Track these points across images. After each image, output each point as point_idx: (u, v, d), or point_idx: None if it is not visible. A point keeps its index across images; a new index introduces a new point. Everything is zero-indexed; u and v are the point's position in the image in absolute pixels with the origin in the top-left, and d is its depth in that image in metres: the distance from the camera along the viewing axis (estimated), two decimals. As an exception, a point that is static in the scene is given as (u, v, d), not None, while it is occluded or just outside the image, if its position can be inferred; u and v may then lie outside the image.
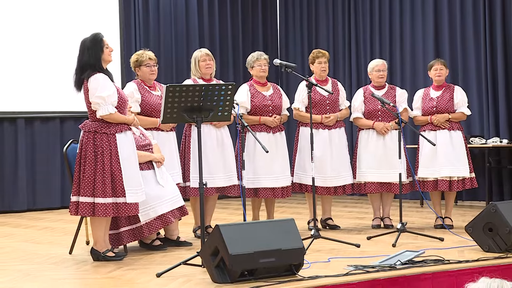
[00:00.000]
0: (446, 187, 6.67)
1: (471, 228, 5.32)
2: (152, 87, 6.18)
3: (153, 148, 5.83)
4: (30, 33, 9.08)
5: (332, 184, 6.70)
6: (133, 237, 5.50)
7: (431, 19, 9.62)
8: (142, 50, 6.29)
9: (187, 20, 10.53)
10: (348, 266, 4.64)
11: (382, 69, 6.88)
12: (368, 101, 6.86)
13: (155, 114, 6.05)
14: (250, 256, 4.16)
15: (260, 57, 6.59)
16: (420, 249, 5.18)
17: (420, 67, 9.65)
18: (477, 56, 9.16)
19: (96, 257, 5.22)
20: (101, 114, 5.09)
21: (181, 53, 10.38)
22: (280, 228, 4.41)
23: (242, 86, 6.61)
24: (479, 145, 8.63)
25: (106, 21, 9.50)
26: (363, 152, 6.83)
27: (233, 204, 9.62)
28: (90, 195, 5.06)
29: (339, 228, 6.81)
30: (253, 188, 6.46)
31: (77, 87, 5.23)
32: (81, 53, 5.20)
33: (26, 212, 8.90)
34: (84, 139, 5.14)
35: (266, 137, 6.46)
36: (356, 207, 8.99)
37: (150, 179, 5.61)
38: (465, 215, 7.79)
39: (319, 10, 11.08)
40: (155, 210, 5.51)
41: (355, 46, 10.60)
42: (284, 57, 11.30)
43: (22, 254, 5.69)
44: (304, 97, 6.74)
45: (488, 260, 4.86)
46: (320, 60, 6.80)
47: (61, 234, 6.87)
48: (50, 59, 9.15)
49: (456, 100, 6.80)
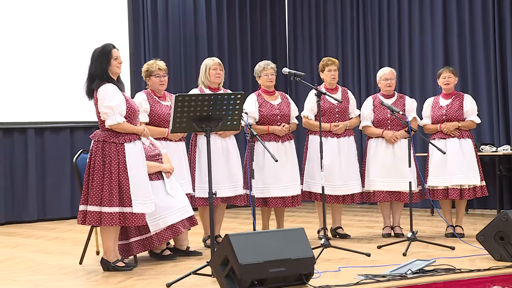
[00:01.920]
0: (457, 195, 6.63)
1: (482, 237, 5.30)
2: (162, 97, 6.19)
3: (163, 158, 5.83)
4: (40, 43, 9.12)
5: (341, 193, 6.67)
6: (143, 247, 5.50)
7: (440, 26, 9.59)
8: (153, 60, 6.28)
9: (195, 29, 10.55)
10: (358, 275, 4.63)
11: (390, 78, 6.86)
12: (378, 109, 6.84)
13: (164, 124, 6.05)
14: (260, 266, 4.16)
15: (266, 66, 6.58)
16: (431, 258, 5.18)
17: (429, 75, 9.60)
18: (486, 64, 9.12)
19: (106, 267, 5.22)
20: (109, 123, 5.10)
21: (190, 62, 10.40)
22: (290, 237, 4.41)
23: (250, 96, 6.60)
24: (490, 153, 8.58)
25: (116, 31, 9.52)
26: (372, 160, 6.80)
27: (242, 213, 9.60)
28: (97, 204, 5.07)
29: (349, 237, 6.79)
30: (262, 197, 6.43)
31: (89, 95, 5.27)
32: (90, 63, 5.24)
33: (37, 222, 8.91)
34: (94, 149, 5.17)
35: (275, 146, 6.43)
36: (366, 216, 8.96)
37: (159, 189, 5.61)
38: (476, 223, 7.75)
39: (327, 18, 11.08)
40: (165, 220, 5.51)
41: (364, 54, 10.58)
42: (293, 66, 11.29)
43: (33, 264, 5.70)
44: (313, 105, 6.72)
45: (500, 269, 4.82)
46: (330, 68, 6.79)
47: (71, 244, 6.88)
48: (60, 69, 9.17)
49: (466, 108, 6.76)
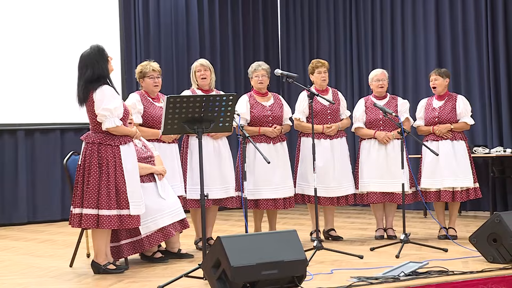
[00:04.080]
0: (449, 198, 6.62)
1: (475, 239, 5.30)
2: (155, 99, 6.16)
3: (155, 160, 5.80)
4: (30, 44, 9.06)
5: (334, 194, 6.65)
6: (134, 250, 5.46)
7: (433, 27, 9.58)
8: (147, 61, 6.23)
9: (187, 29, 10.49)
10: (351, 277, 4.62)
11: (382, 79, 6.84)
12: (370, 110, 6.82)
13: (158, 125, 6.02)
14: (252, 268, 4.13)
15: (258, 68, 6.55)
16: (424, 260, 5.16)
17: (422, 77, 9.59)
18: (479, 65, 9.12)
19: (97, 270, 5.18)
20: (108, 126, 5.05)
21: (182, 63, 10.33)
22: (282, 240, 4.38)
23: (242, 97, 6.57)
24: (483, 154, 8.58)
25: (106, 32, 9.46)
26: (365, 162, 6.79)
27: (234, 215, 9.57)
28: (94, 207, 5.04)
29: (342, 239, 6.77)
30: (253, 199, 6.39)
31: (81, 102, 5.13)
32: (88, 66, 5.09)
33: (27, 225, 8.84)
34: (87, 151, 5.11)
35: (266, 148, 6.39)
36: (359, 218, 8.95)
37: (151, 191, 5.58)
38: (469, 225, 7.75)
39: (320, 19, 11.06)
40: (156, 222, 5.48)
41: (356, 56, 10.57)
42: (286, 67, 11.27)
43: (23, 267, 5.66)
44: (304, 107, 6.71)
45: (493, 271, 4.82)
46: (320, 70, 6.76)
47: (61, 246, 6.83)
48: (50, 70, 9.11)
49: (459, 110, 6.75)
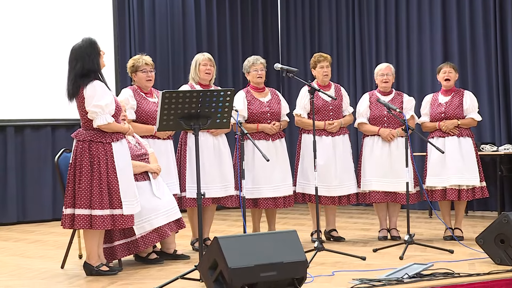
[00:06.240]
0: (455, 196, 6.54)
1: (482, 240, 5.27)
2: (148, 94, 6.08)
3: (150, 158, 5.73)
4: (21, 39, 8.93)
5: (336, 194, 6.59)
6: (128, 251, 5.40)
7: (439, 21, 9.46)
8: (139, 55, 6.16)
9: (184, 22, 10.32)
10: (353, 280, 4.61)
11: (387, 73, 6.74)
12: (374, 106, 6.72)
13: (151, 121, 5.95)
14: (251, 270, 4.09)
15: (256, 61, 6.48)
16: (429, 262, 5.12)
17: (428, 72, 9.50)
18: (487, 60, 9.01)
19: (89, 271, 5.13)
20: (99, 123, 4.98)
21: (178, 57, 10.19)
22: (281, 240, 4.35)
23: (238, 93, 6.50)
24: (490, 152, 8.52)
25: (100, 25, 9.32)
26: (367, 160, 6.70)
27: (232, 215, 9.52)
28: (87, 207, 4.98)
29: (343, 240, 6.72)
30: (252, 198, 6.33)
31: (71, 97, 5.06)
32: (79, 60, 5.00)
33: (16, 225, 8.73)
34: (78, 149, 5.04)
35: (265, 145, 6.34)
36: (361, 218, 8.90)
37: (145, 190, 5.51)
38: (476, 226, 7.70)
39: (322, 12, 10.91)
40: (151, 223, 5.42)
41: (359, 50, 10.44)
42: (286, 62, 11.14)
43: (12, 268, 5.62)
44: (306, 103, 6.62)
45: (500, 273, 4.78)
46: (322, 65, 6.67)
47: (53, 247, 6.78)
48: (41, 64, 8.98)
49: (466, 106, 6.66)
